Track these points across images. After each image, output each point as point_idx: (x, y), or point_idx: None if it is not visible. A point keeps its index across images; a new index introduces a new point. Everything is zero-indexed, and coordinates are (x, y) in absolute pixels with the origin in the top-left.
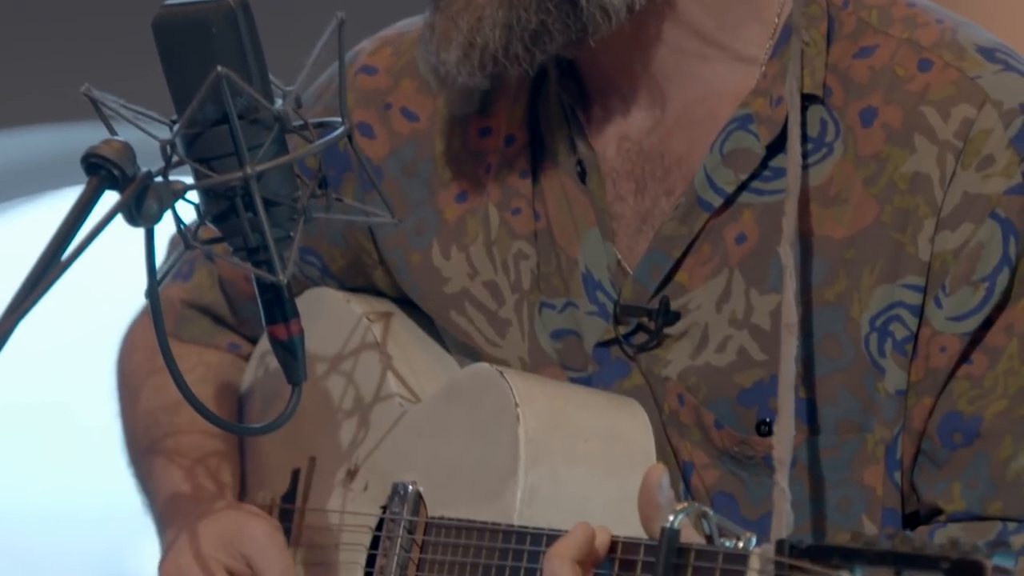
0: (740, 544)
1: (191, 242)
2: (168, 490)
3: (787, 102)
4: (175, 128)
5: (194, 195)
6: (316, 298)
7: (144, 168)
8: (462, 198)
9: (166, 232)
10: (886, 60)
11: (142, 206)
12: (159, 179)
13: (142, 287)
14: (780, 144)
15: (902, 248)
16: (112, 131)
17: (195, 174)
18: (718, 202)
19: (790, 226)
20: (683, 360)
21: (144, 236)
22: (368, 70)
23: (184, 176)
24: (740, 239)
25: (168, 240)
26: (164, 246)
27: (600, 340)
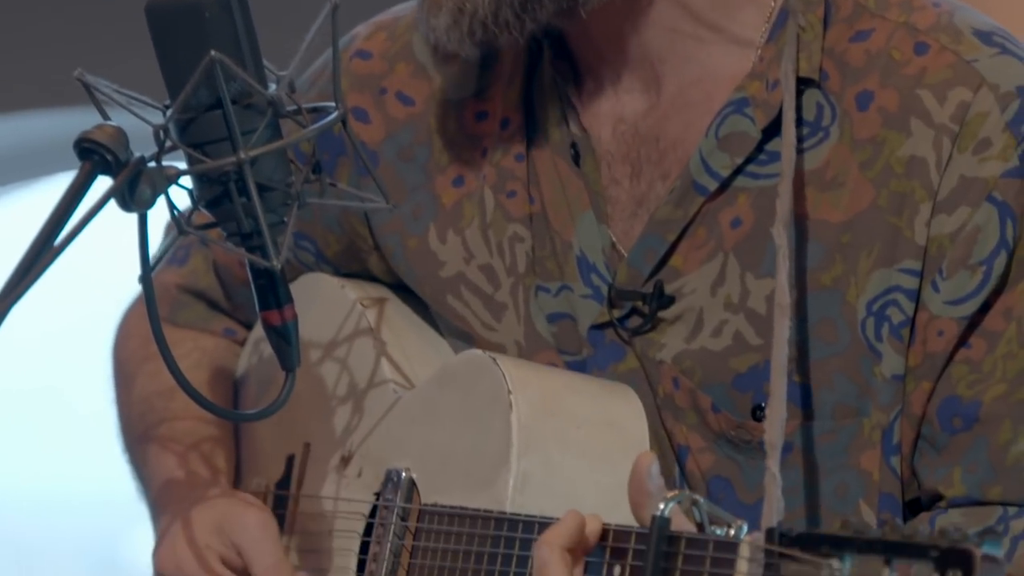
0: (731, 532)
1: (184, 227)
2: (162, 476)
3: (783, 85)
4: (168, 113)
5: (187, 180)
6: (310, 284)
7: (137, 153)
8: (459, 182)
9: (160, 218)
10: (882, 44)
11: (135, 191)
12: (152, 164)
13: (136, 272)
14: (776, 128)
15: (899, 232)
16: (105, 116)
17: (188, 159)
18: (713, 186)
19: (784, 207)
20: (678, 344)
21: (137, 221)
22: (363, 55)
23: (177, 161)
24: (735, 223)
25: (164, 226)
26: (160, 232)
27: (594, 323)
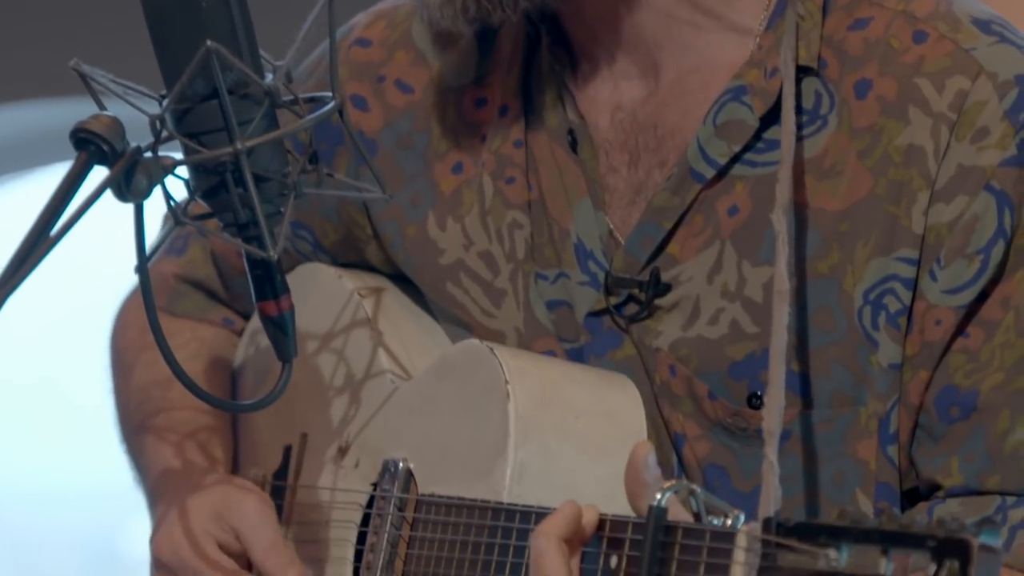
0: (728, 522)
1: (181, 218)
2: (159, 466)
3: (782, 73)
4: (165, 103)
5: (184, 170)
6: (308, 273)
7: (133, 143)
8: (458, 169)
9: (158, 208)
10: (881, 32)
11: (131, 181)
12: (148, 154)
13: (132, 263)
14: (774, 116)
15: (896, 221)
16: (101, 106)
17: (185, 149)
18: (710, 174)
19: (783, 194)
20: (674, 332)
21: (133, 212)
22: (362, 43)
23: (174, 151)
24: (732, 211)
25: (162, 216)
26: (159, 222)
27: (591, 310)
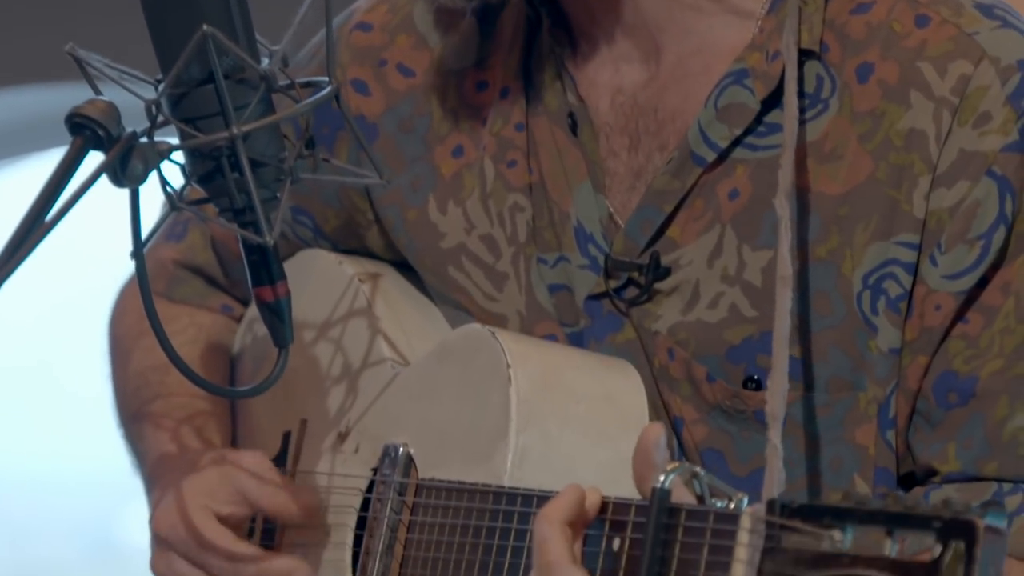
0: (731, 505)
1: (177, 203)
2: (157, 451)
3: (784, 56)
4: (160, 88)
5: (180, 156)
6: (308, 259)
7: (129, 128)
8: (458, 152)
9: (153, 194)
10: (883, 16)
11: (127, 167)
12: (144, 139)
13: (129, 249)
14: (775, 100)
15: (897, 205)
16: (97, 91)
17: (181, 134)
18: (711, 157)
19: (786, 178)
20: (674, 315)
21: (129, 197)
22: (363, 27)
23: (170, 136)
24: (733, 195)
25: (162, 201)
26: (158, 208)
27: (591, 293)
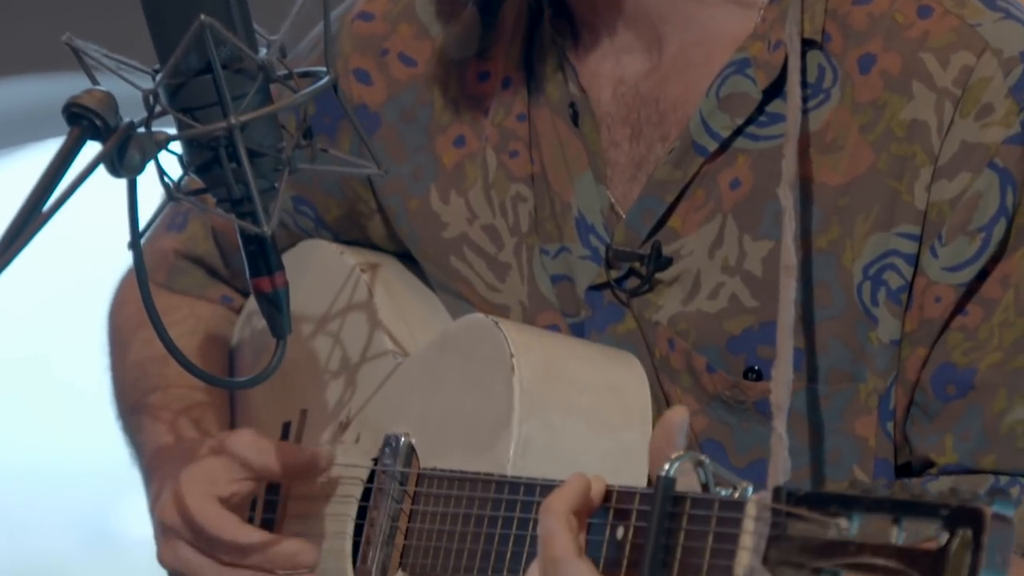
0: (736, 494)
1: (174, 194)
2: (155, 443)
3: (787, 46)
4: (158, 78)
5: (177, 146)
6: (309, 250)
7: (127, 118)
8: (460, 142)
9: (151, 184)
10: (885, 7)
11: (124, 157)
12: (142, 129)
13: (127, 239)
14: (777, 89)
15: (898, 196)
16: (94, 81)
17: (178, 124)
18: (713, 147)
19: (790, 168)
20: (674, 306)
21: (127, 187)
22: (365, 16)
23: (167, 127)
24: (734, 184)
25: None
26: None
27: (592, 284)
